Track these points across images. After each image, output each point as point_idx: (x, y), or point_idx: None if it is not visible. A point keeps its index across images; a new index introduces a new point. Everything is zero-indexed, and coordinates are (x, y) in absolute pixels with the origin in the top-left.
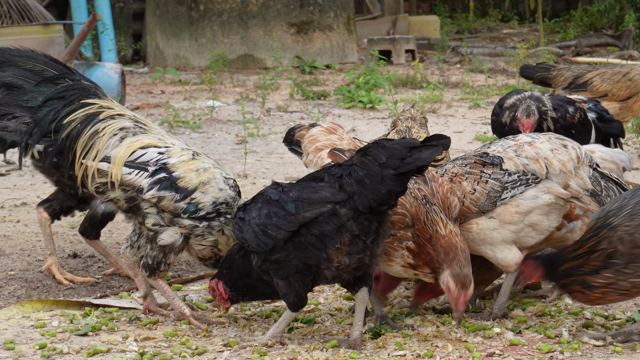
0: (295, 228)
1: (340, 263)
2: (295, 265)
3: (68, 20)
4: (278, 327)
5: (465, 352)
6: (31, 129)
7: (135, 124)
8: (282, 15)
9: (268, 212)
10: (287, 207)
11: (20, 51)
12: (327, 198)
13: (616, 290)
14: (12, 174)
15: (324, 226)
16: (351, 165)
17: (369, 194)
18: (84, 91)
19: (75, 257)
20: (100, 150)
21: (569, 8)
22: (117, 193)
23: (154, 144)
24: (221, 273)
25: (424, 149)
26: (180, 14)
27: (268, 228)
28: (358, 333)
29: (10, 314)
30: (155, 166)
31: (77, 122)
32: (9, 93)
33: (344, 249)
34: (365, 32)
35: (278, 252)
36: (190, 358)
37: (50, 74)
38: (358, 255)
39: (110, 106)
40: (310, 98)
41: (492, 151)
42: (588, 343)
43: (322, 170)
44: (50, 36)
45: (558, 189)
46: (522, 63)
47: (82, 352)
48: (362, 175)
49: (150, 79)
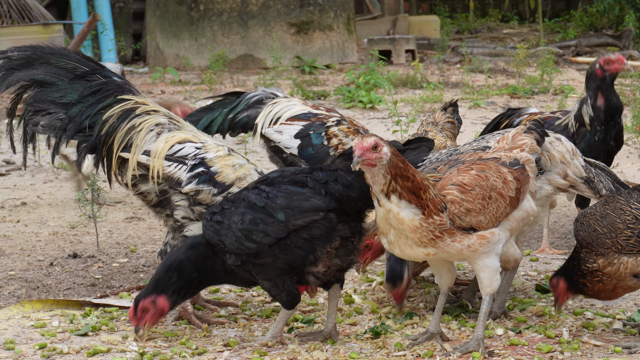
0: (284, 235)
1: (330, 265)
2: (280, 267)
3: (68, 20)
4: (277, 326)
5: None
6: (65, 125)
7: (170, 120)
8: (282, 15)
9: (253, 218)
10: (277, 215)
11: (52, 49)
12: (319, 207)
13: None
14: (12, 174)
15: (314, 230)
16: (335, 170)
17: (357, 197)
18: (118, 87)
19: (75, 257)
20: (138, 144)
21: (569, 8)
22: (150, 186)
23: (190, 139)
24: (166, 286)
25: (409, 152)
26: (180, 14)
27: (253, 234)
28: (332, 325)
29: (10, 314)
30: (194, 160)
31: (114, 117)
32: (42, 90)
33: (333, 252)
34: (365, 32)
35: (264, 257)
36: (190, 358)
37: (83, 70)
38: (348, 257)
39: (144, 102)
40: (310, 98)
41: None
42: (588, 343)
43: (303, 173)
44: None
45: (558, 180)
46: (522, 63)
47: (82, 352)
48: (350, 180)
49: (150, 79)
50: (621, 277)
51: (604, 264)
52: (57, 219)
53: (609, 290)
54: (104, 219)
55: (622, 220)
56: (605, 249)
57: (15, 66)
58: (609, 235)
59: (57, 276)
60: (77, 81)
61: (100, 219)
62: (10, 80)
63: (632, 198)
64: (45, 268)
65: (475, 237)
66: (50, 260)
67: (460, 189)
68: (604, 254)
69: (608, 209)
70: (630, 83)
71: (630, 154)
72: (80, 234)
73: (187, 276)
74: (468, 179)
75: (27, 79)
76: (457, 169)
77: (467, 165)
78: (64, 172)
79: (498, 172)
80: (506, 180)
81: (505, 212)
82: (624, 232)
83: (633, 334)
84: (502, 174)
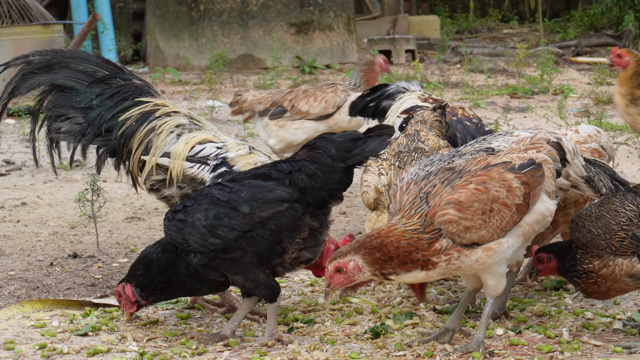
0: (249, 228)
1: (297, 257)
2: (249, 261)
3: (68, 20)
4: (270, 324)
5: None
6: (84, 129)
7: (190, 120)
8: (282, 15)
9: (217, 213)
10: (241, 208)
11: (72, 53)
12: (283, 197)
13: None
14: (12, 174)
15: (281, 220)
16: (299, 160)
17: (321, 187)
18: (137, 89)
19: (75, 257)
20: (159, 146)
21: (569, 8)
22: (173, 190)
23: (210, 139)
24: (132, 276)
25: (369, 140)
26: (180, 14)
27: (218, 229)
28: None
29: (10, 314)
30: (216, 160)
31: (132, 120)
32: (62, 95)
33: (300, 244)
34: (365, 32)
35: (232, 252)
36: (190, 358)
37: (102, 74)
38: (314, 248)
39: (164, 104)
40: None
41: (497, 146)
42: (588, 343)
43: (266, 166)
44: (50, 36)
45: (561, 180)
46: (522, 63)
47: (82, 352)
48: (313, 169)
49: (150, 79)
50: (616, 279)
51: (600, 266)
52: (57, 219)
53: (603, 292)
54: (104, 219)
55: (617, 221)
56: (600, 250)
57: (35, 70)
58: (604, 236)
59: (57, 276)
60: (96, 85)
61: (100, 219)
62: (31, 84)
63: (626, 200)
64: (45, 268)
65: (481, 250)
66: (50, 260)
67: (457, 206)
68: (599, 256)
69: (603, 210)
70: None
71: (630, 154)
72: (80, 234)
73: (153, 276)
74: (465, 196)
75: (48, 84)
76: (451, 187)
77: (467, 178)
78: (64, 172)
79: (502, 180)
80: (511, 188)
81: (512, 220)
82: (618, 233)
83: (633, 334)
84: (506, 182)
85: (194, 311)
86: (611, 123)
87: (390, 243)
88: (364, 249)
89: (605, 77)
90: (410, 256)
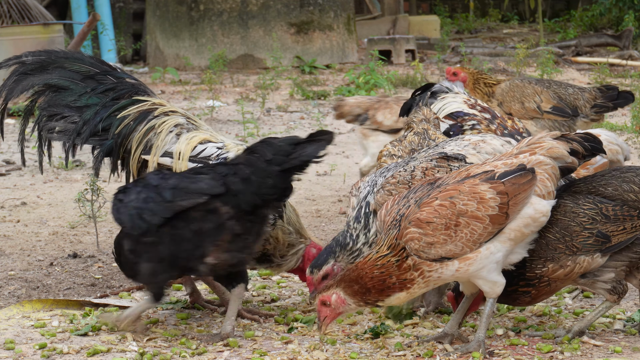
0: (169, 215)
1: (218, 260)
2: (164, 255)
3: (68, 20)
4: (130, 314)
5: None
6: (79, 128)
7: (188, 120)
8: (282, 15)
9: (146, 196)
10: (164, 194)
11: (66, 53)
12: (202, 189)
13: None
14: (12, 174)
15: (202, 223)
16: (237, 164)
17: (254, 191)
18: (132, 87)
19: (75, 257)
20: (159, 146)
21: (569, 8)
22: None
23: (209, 139)
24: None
25: (308, 145)
26: (180, 14)
27: (144, 212)
28: (230, 327)
29: (10, 314)
30: (217, 160)
31: (130, 118)
32: (57, 94)
33: (223, 247)
34: (365, 32)
35: (151, 235)
36: (190, 358)
37: (95, 73)
38: (238, 254)
39: (162, 103)
40: (311, 98)
41: (450, 150)
42: (588, 343)
43: (209, 167)
44: (50, 36)
45: None
46: (522, 63)
47: (82, 352)
48: (248, 173)
49: (150, 79)
50: (572, 278)
51: (555, 268)
52: (57, 219)
53: (551, 292)
54: (104, 219)
55: (578, 222)
56: (558, 254)
57: (29, 71)
58: (563, 239)
59: (57, 276)
60: (90, 82)
61: (100, 219)
62: (24, 85)
63: (579, 200)
64: (45, 268)
65: (457, 261)
66: (50, 260)
67: (418, 224)
68: (554, 259)
69: (557, 214)
70: (631, 83)
71: (630, 153)
72: (80, 234)
73: (123, 260)
74: (427, 213)
75: (41, 84)
76: (418, 206)
77: (435, 194)
78: (64, 172)
79: (472, 193)
80: (483, 200)
81: (487, 232)
82: (581, 234)
83: (633, 333)
84: (477, 195)
85: (194, 311)
86: (611, 123)
87: (365, 275)
88: (344, 282)
89: (605, 77)
90: (385, 283)
